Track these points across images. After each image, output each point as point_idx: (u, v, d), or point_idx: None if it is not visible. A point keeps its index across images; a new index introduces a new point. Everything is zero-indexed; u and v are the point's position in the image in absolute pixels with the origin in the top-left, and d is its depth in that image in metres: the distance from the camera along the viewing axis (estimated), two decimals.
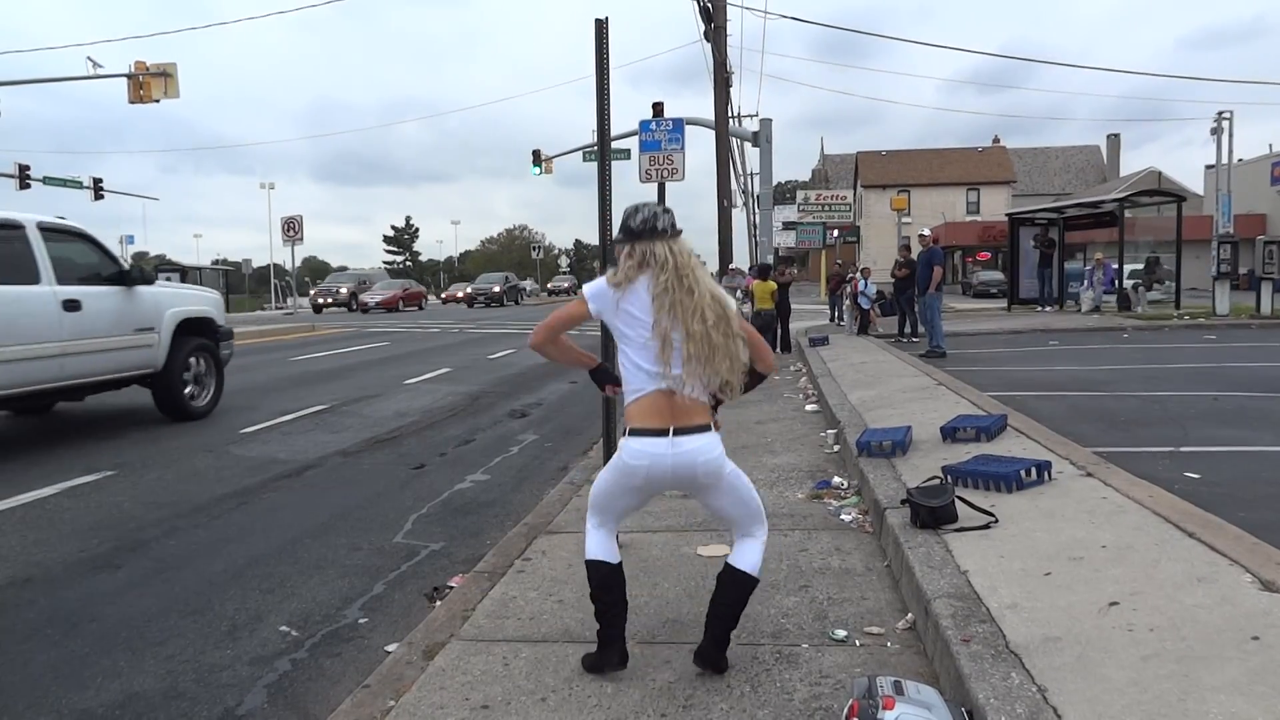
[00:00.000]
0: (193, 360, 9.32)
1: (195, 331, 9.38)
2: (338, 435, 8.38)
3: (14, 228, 7.55)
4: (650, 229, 2.85)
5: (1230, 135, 19.89)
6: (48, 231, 7.83)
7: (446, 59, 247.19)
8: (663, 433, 2.79)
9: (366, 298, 36.48)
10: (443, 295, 56.74)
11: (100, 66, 20.61)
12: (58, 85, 22.77)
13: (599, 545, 3.01)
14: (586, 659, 3.08)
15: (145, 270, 9.49)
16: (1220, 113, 19.85)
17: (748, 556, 3.00)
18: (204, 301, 9.90)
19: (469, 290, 46.50)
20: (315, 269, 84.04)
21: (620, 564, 3.04)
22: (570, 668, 3.11)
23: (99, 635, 3.80)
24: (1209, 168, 33.56)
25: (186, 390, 9.23)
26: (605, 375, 3.26)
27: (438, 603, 4.03)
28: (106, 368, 8.31)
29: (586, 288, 2.93)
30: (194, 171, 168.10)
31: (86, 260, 8.30)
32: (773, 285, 14.59)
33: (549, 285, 63.65)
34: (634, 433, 2.83)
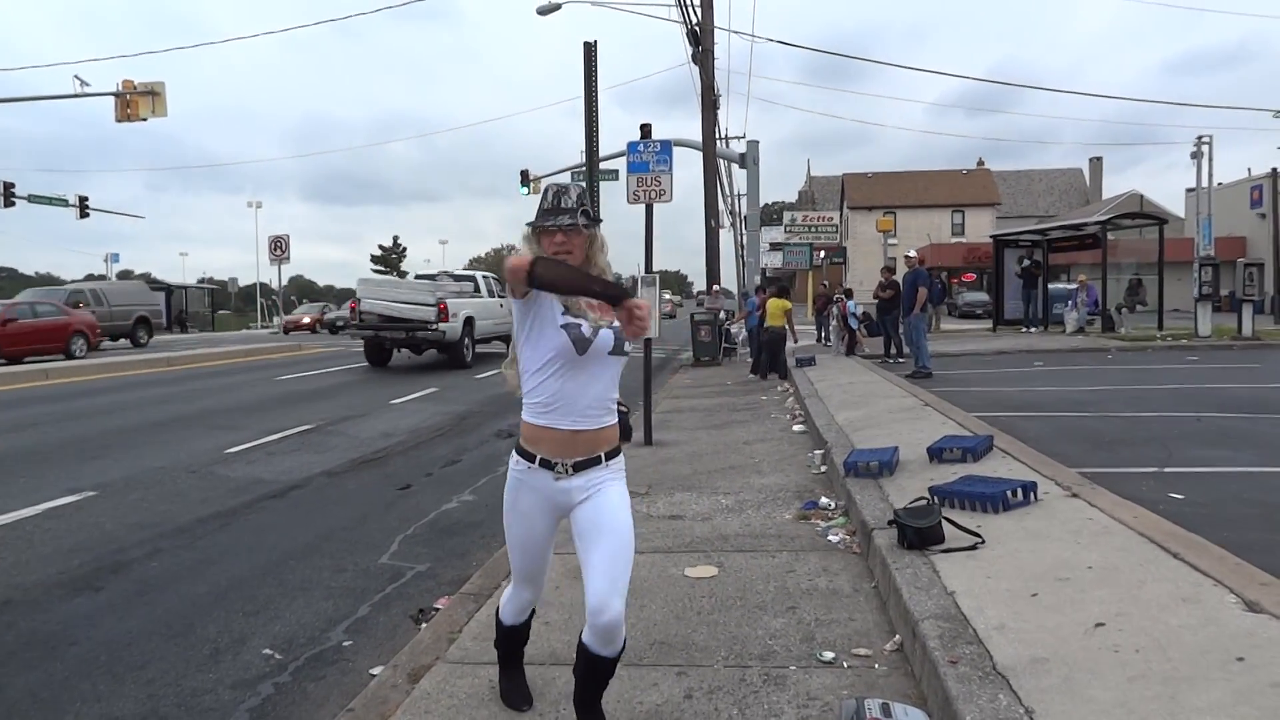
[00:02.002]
0: None
1: None
2: (323, 455, 8.32)
3: (486, 276, 20.06)
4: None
5: (1210, 159, 20.08)
6: (488, 278, 19.94)
7: (438, 78, 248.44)
8: None
9: None
10: (283, 319, 40.38)
11: (87, 85, 20.55)
12: (45, 103, 22.63)
13: None
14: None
15: None
16: (1200, 137, 20.05)
17: None
18: None
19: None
20: (302, 288, 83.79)
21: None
22: (557, 690, 3.09)
23: (79, 659, 3.75)
24: (1190, 191, 33.99)
25: None
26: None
27: (423, 625, 4.00)
28: (503, 332, 18.84)
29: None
30: (181, 189, 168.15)
31: (494, 286, 19.74)
32: (788, 304, 14.43)
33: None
34: None
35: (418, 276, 20.35)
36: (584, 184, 2.62)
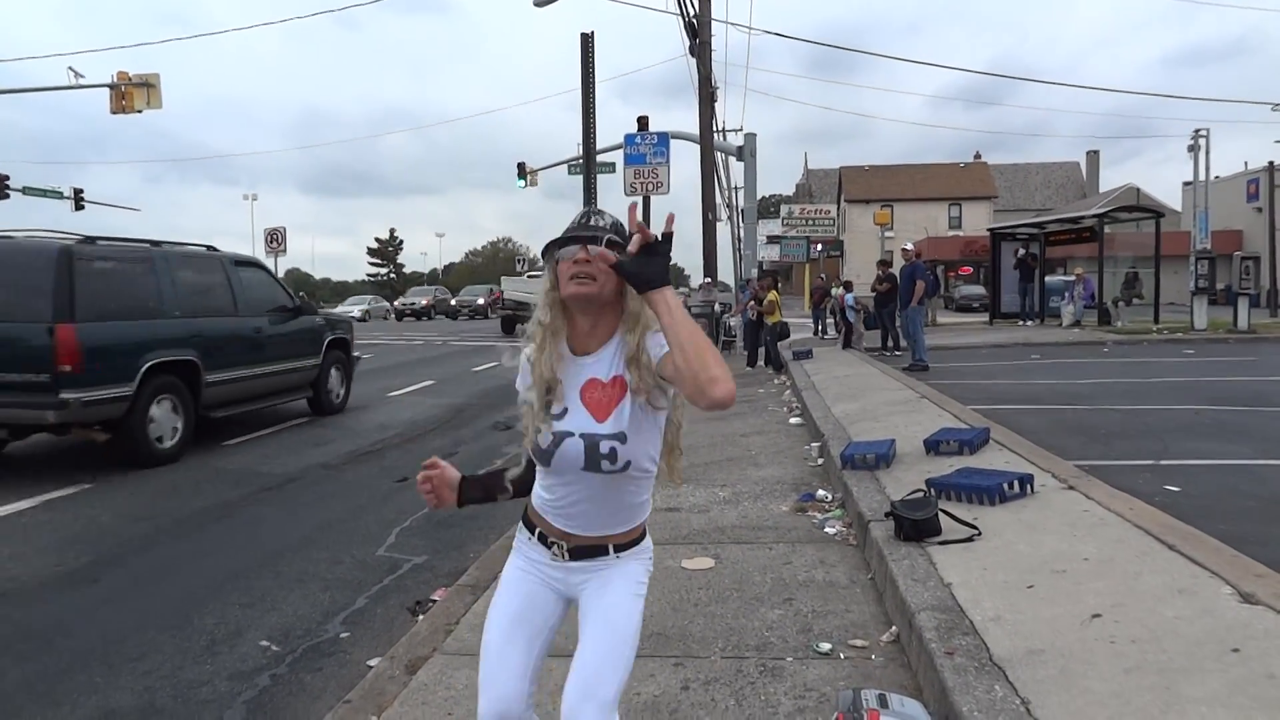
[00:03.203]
0: None
1: None
2: (320, 448, 8.32)
3: None
4: None
5: (1207, 153, 20.08)
6: None
7: (436, 71, 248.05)
8: None
9: None
10: None
11: (82, 77, 20.44)
12: (39, 95, 22.58)
13: None
14: None
15: None
16: (1197, 130, 20.06)
17: None
18: None
19: (453, 302, 45.12)
20: (298, 280, 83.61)
21: None
22: (554, 682, 3.09)
23: (75, 651, 3.75)
24: (1187, 184, 34.01)
25: None
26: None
27: (420, 616, 4.00)
28: None
29: None
30: (178, 182, 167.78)
31: None
32: (777, 295, 14.90)
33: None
34: None
35: (530, 275, 28.92)
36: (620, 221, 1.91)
